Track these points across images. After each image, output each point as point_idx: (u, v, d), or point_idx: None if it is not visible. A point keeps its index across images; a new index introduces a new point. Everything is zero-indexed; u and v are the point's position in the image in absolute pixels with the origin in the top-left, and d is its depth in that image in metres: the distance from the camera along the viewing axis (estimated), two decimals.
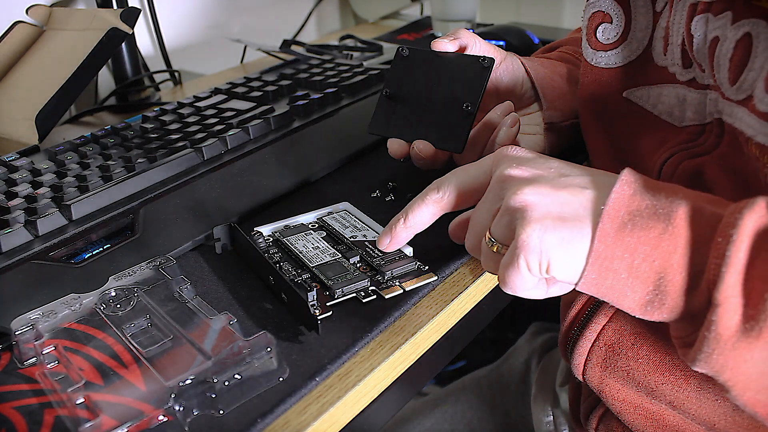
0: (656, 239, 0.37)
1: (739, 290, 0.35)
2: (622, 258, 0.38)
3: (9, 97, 0.77)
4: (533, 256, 0.38)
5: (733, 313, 0.35)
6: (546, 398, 0.75)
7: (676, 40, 0.51)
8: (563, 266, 0.39)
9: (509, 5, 1.37)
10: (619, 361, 0.54)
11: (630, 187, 0.39)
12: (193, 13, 1.12)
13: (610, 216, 0.38)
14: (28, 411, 0.41)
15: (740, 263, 0.35)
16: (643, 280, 0.38)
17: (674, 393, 0.52)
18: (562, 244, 0.38)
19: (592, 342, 0.55)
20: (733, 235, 0.35)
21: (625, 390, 0.55)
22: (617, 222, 0.38)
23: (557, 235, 0.38)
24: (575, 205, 0.39)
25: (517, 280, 0.40)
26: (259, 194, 0.60)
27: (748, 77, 0.44)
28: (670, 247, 0.37)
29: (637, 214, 0.38)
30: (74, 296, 0.48)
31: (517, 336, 0.90)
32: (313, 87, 0.79)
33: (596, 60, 0.58)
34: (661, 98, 0.54)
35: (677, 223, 0.37)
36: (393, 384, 0.46)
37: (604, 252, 0.38)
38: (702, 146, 0.50)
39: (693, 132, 0.51)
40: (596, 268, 0.38)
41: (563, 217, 0.39)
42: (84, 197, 0.56)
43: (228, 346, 0.42)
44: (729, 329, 0.35)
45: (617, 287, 0.38)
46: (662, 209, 0.38)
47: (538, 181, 0.40)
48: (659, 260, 0.37)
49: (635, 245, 0.37)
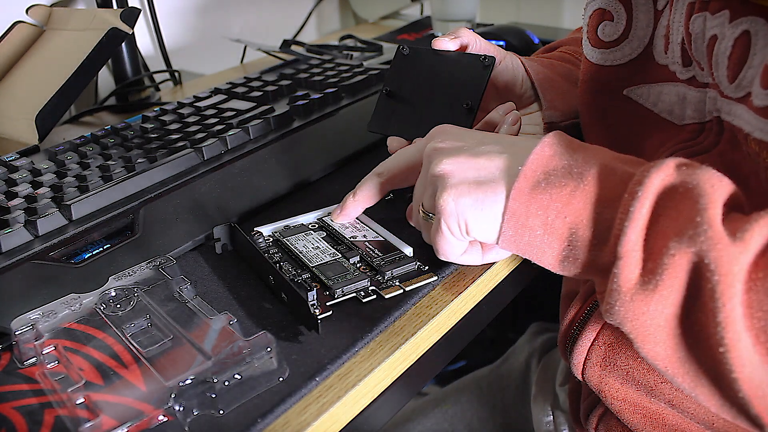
0: (568, 196, 0.39)
1: (641, 245, 0.37)
2: (536, 215, 0.40)
3: (9, 97, 0.77)
4: (452, 219, 0.42)
5: (634, 267, 0.37)
6: (546, 398, 0.75)
7: (676, 38, 0.51)
8: (480, 226, 0.42)
9: (509, 5, 1.37)
10: (618, 360, 0.54)
11: (551, 149, 0.41)
12: (193, 13, 1.12)
13: (526, 175, 0.40)
14: (28, 411, 0.41)
15: (643, 219, 0.37)
16: (557, 237, 0.40)
17: (674, 392, 0.52)
18: (476, 205, 0.41)
19: (592, 341, 0.55)
20: (639, 191, 0.37)
21: (624, 389, 0.55)
22: (532, 180, 0.40)
23: (471, 197, 0.42)
24: (491, 168, 0.42)
25: (445, 245, 0.44)
26: (259, 194, 0.60)
27: (747, 75, 0.44)
28: (580, 204, 0.39)
29: (552, 173, 0.40)
30: (74, 296, 0.48)
31: (517, 336, 0.90)
32: (313, 87, 0.79)
33: (597, 58, 0.58)
34: (661, 96, 0.54)
35: (588, 181, 0.39)
36: (393, 384, 0.46)
37: (518, 209, 0.40)
38: (701, 145, 0.50)
39: (693, 130, 0.51)
40: (512, 225, 0.41)
41: (479, 181, 0.42)
42: (84, 197, 0.56)
43: (228, 346, 0.42)
44: (629, 281, 0.37)
45: (534, 243, 0.41)
46: (577, 168, 0.40)
47: (457, 151, 0.44)
48: (571, 216, 0.39)
49: (548, 202, 0.40)
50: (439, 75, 0.60)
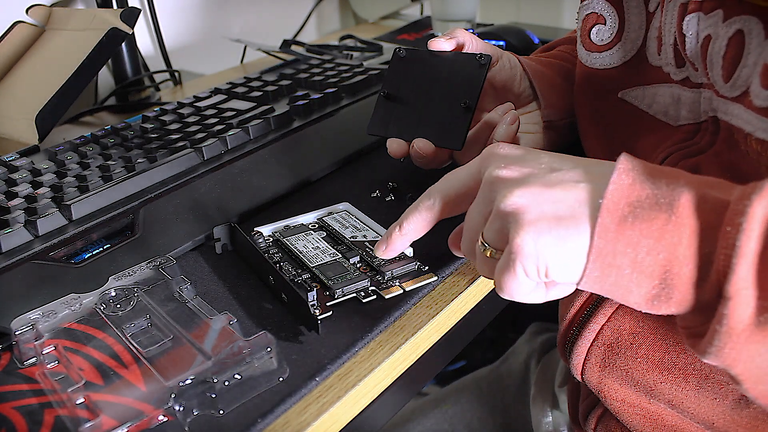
0: (660, 230, 0.36)
1: (752, 282, 0.34)
2: (624, 253, 0.36)
3: (9, 97, 0.77)
4: (530, 261, 0.37)
5: (746, 306, 0.34)
6: (545, 399, 0.75)
7: (668, 40, 0.52)
8: (563, 268, 0.37)
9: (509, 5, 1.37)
10: (617, 361, 0.54)
11: (628, 176, 0.37)
12: (193, 13, 1.12)
13: (609, 209, 0.36)
14: (28, 411, 0.41)
15: (751, 253, 0.34)
16: (648, 275, 0.36)
17: (673, 392, 0.52)
18: (559, 245, 0.37)
19: (591, 342, 0.55)
20: (743, 223, 0.34)
21: (623, 389, 0.55)
22: (617, 215, 0.36)
23: (553, 236, 0.37)
24: (570, 201, 0.38)
25: (514, 286, 0.39)
26: (259, 194, 0.60)
27: (742, 74, 0.44)
28: (674, 239, 0.36)
29: (637, 205, 0.36)
30: (74, 296, 0.48)
31: (516, 336, 0.90)
32: (313, 87, 0.79)
33: (591, 61, 0.59)
34: (656, 98, 0.54)
35: (681, 212, 0.36)
36: (393, 384, 0.46)
37: (605, 248, 0.36)
38: (697, 145, 0.50)
39: (688, 131, 0.51)
40: (598, 265, 0.37)
41: (558, 217, 0.37)
42: (84, 197, 0.56)
43: (228, 346, 0.42)
44: (742, 323, 0.34)
45: (621, 283, 0.37)
46: (664, 198, 0.36)
47: (528, 181, 0.39)
48: (664, 253, 0.36)
49: (638, 238, 0.36)
50: (436, 75, 0.60)
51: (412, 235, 0.46)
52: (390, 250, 0.47)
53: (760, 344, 0.34)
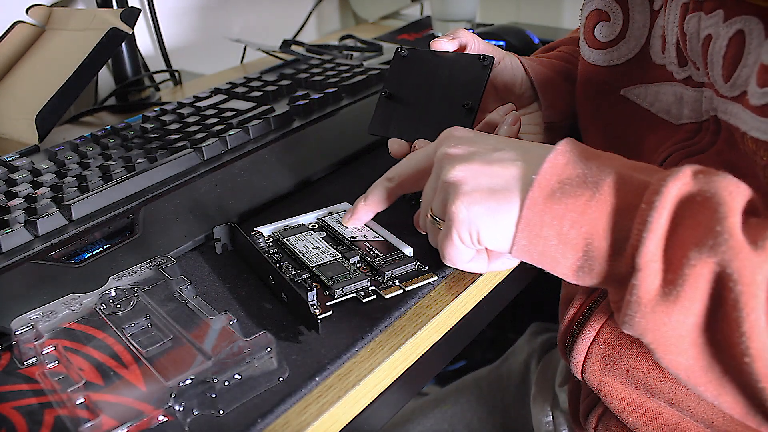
0: (583, 206, 0.39)
1: (660, 255, 0.36)
2: (551, 225, 0.39)
3: (9, 97, 0.77)
4: (463, 227, 0.41)
5: (653, 278, 0.37)
6: (545, 398, 0.75)
7: (671, 39, 0.52)
8: (493, 235, 0.41)
9: (509, 5, 1.37)
10: (618, 359, 0.54)
11: (564, 157, 0.40)
12: (193, 13, 1.12)
13: (540, 184, 0.39)
14: (28, 411, 0.41)
15: (661, 229, 0.36)
16: (572, 247, 0.39)
17: (673, 390, 0.52)
18: (490, 214, 0.40)
19: (591, 340, 0.55)
20: (656, 201, 0.37)
21: (624, 388, 0.55)
22: (547, 190, 0.39)
23: (484, 206, 0.40)
24: (505, 176, 0.41)
25: (453, 252, 0.43)
26: (259, 194, 0.60)
27: (742, 74, 0.44)
28: (596, 214, 0.38)
29: (567, 182, 0.39)
30: (74, 296, 0.48)
31: (516, 336, 0.90)
32: (313, 87, 0.79)
33: (594, 58, 0.59)
34: (658, 96, 0.54)
35: (604, 191, 0.39)
36: (393, 384, 0.46)
37: (532, 219, 0.39)
38: (699, 144, 0.50)
39: (690, 130, 0.51)
40: (526, 234, 0.40)
41: (492, 189, 0.41)
42: (84, 197, 0.56)
43: (228, 346, 0.42)
44: (649, 293, 0.37)
45: (548, 253, 0.40)
46: (592, 177, 0.39)
47: (470, 157, 0.43)
48: (586, 226, 0.39)
49: (563, 212, 0.39)
50: (438, 76, 0.60)
51: (375, 206, 0.51)
52: (355, 219, 0.52)
53: (666, 314, 0.37)
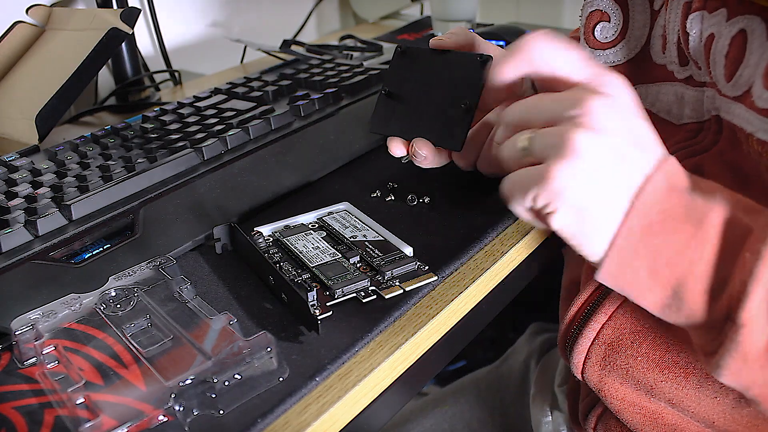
0: (683, 244, 0.36)
1: (766, 309, 0.34)
2: (644, 257, 0.37)
3: (9, 97, 0.77)
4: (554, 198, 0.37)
5: (760, 334, 0.34)
6: (545, 399, 0.75)
7: (672, 38, 0.52)
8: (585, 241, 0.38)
9: (509, 5, 1.37)
10: (618, 360, 0.54)
11: (667, 180, 0.37)
12: (193, 13, 1.12)
13: (639, 212, 0.37)
14: (28, 411, 0.41)
15: (767, 282, 0.34)
16: (662, 284, 0.37)
17: (673, 391, 0.52)
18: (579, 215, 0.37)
19: (592, 340, 0.55)
20: (762, 250, 0.34)
21: (624, 388, 0.55)
22: (646, 220, 0.36)
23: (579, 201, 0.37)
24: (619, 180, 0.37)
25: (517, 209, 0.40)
26: (259, 194, 0.60)
27: (744, 73, 0.44)
28: (695, 255, 0.36)
29: (668, 213, 0.36)
30: (74, 296, 0.48)
31: (516, 336, 0.90)
32: (313, 87, 0.79)
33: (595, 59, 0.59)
34: (659, 96, 0.54)
35: (707, 230, 0.36)
36: (393, 384, 0.46)
37: (625, 247, 0.37)
38: (700, 144, 0.50)
39: (691, 130, 0.51)
40: (616, 262, 0.37)
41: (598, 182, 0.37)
42: (84, 197, 0.56)
43: (228, 346, 0.42)
44: (757, 349, 0.34)
45: (636, 284, 0.38)
46: (695, 212, 0.36)
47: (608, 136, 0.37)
48: (681, 266, 0.36)
49: (660, 247, 0.36)
50: (436, 74, 0.60)
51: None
52: None
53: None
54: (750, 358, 0.35)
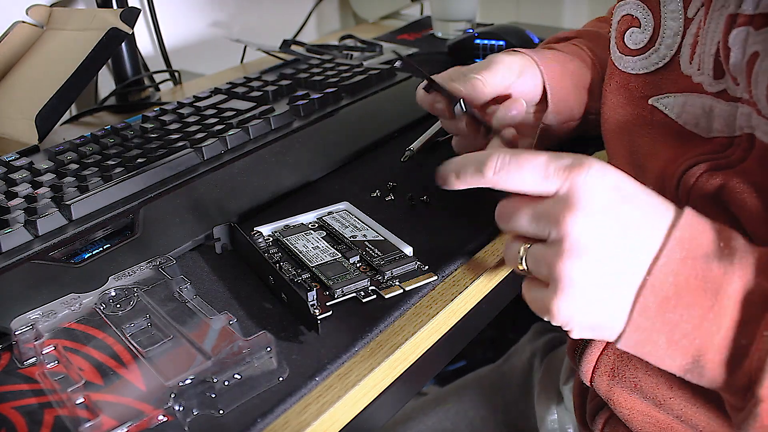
0: (699, 318, 0.37)
1: None
2: (661, 330, 0.38)
3: (9, 97, 0.77)
4: (565, 326, 0.41)
5: None
6: (550, 396, 0.75)
7: (709, 49, 0.48)
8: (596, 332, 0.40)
9: (509, 5, 1.37)
10: (627, 372, 0.54)
11: (681, 249, 0.37)
12: (193, 13, 1.12)
13: (654, 288, 0.37)
14: (28, 411, 0.41)
15: None
16: (682, 353, 0.38)
17: (683, 408, 0.52)
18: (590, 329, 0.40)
19: (601, 350, 0.55)
20: None
21: (633, 399, 0.54)
22: (660, 295, 0.37)
23: (588, 325, 0.40)
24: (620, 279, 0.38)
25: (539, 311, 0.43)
26: (259, 194, 0.60)
27: None
28: (713, 328, 0.36)
29: (683, 287, 0.37)
30: (74, 296, 0.48)
31: (517, 336, 0.90)
32: (313, 87, 0.79)
33: (624, 65, 0.56)
34: (685, 108, 0.51)
35: (724, 303, 0.36)
36: (393, 384, 0.46)
37: (643, 323, 0.38)
38: (728, 159, 0.48)
39: (720, 144, 0.49)
40: (634, 336, 0.39)
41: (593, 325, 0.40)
42: (84, 197, 0.56)
43: (228, 346, 0.42)
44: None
45: (656, 353, 0.39)
46: (712, 283, 0.36)
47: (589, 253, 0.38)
48: (700, 339, 0.37)
49: (677, 321, 0.37)
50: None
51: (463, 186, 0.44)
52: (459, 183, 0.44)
53: None
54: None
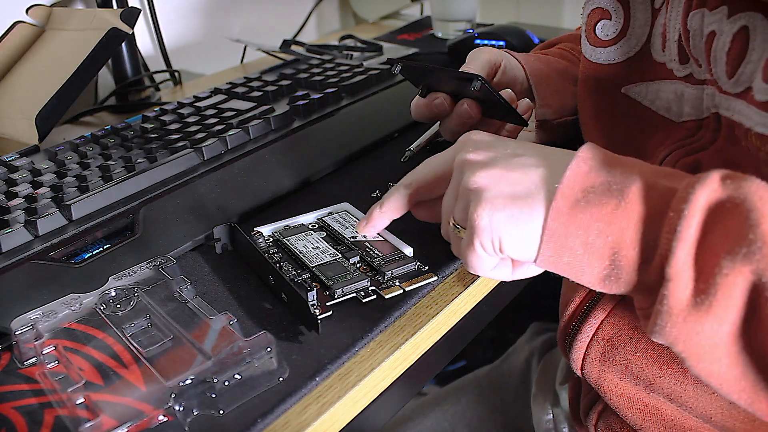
0: (609, 215, 0.38)
1: (690, 265, 0.36)
2: (576, 235, 0.39)
3: (9, 97, 0.77)
4: (485, 236, 0.40)
5: (684, 288, 0.36)
6: (546, 397, 0.75)
7: (673, 36, 0.52)
8: (516, 244, 0.40)
9: (509, 5, 1.37)
10: (617, 355, 0.54)
11: (586, 164, 0.40)
12: (193, 13, 1.12)
13: (564, 194, 0.39)
14: (28, 411, 0.41)
15: (691, 238, 0.36)
16: (598, 256, 0.39)
17: (672, 386, 0.52)
18: (512, 222, 0.39)
19: (591, 336, 0.56)
20: (684, 209, 0.36)
21: (623, 384, 0.55)
22: (571, 199, 0.39)
23: (507, 213, 0.40)
24: (527, 183, 0.40)
25: (475, 261, 0.42)
26: (259, 194, 0.60)
27: (746, 70, 0.44)
28: (623, 223, 0.38)
29: (590, 190, 0.39)
30: (74, 296, 0.48)
31: (517, 336, 0.90)
32: (313, 87, 0.79)
33: (595, 56, 0.59)
34: (659, 94, 0.54)
35: (630, 199, 0.38)
36: (393, 384, 0.46)
37: (557, 229, 0.39)
38: (699, 142, 0.50)
39: (690, 128, 0.51)
40: (551, 246, 0.39)
41: (514, 196, 0.40)
42: (84, 197, 0.56)
43: (228, 346, 0.42)
44: (680, 303, 0.36)
45: (574, 263, 0.39)
46: (616, 185, 0.39)
47: (491, 163, 0.42)
48: (613, 236, 0.38)
49: (588, 222, 0.38)
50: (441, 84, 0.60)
51: (391, 214, 0.49)
52: (370, 227, 0.49)
53: (697, 323, 0.36)
54: (675, 311, 0.36)
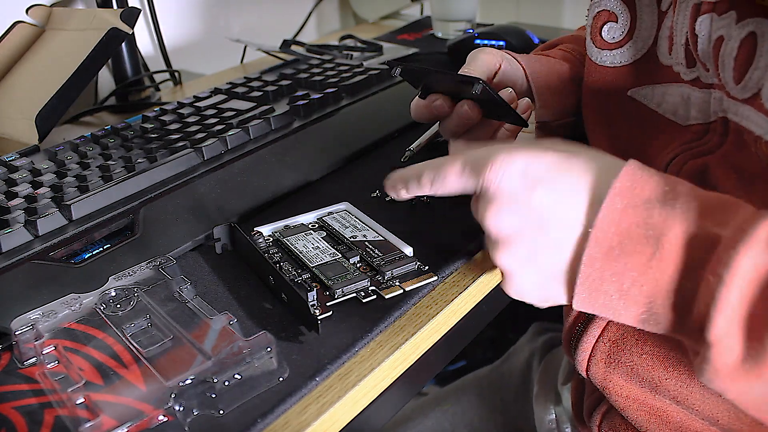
0: (644, 265, 0.37)
1: (735, 329, 0.34)
2: (610, 281, 0.38)
3: (9, 97, 0.77)
4: (516, 297, 0.44)
5: (729, 352, 0.35)
6: (548, 397, 0.75)
7: (680, 39, 0.51)
8: (546, 303, 0.43)
9: (509, 5, 1.37)
10: (623, 357, 0.54)
11: (622, 199, 0.38)
12: (193, 13, 1.12)
13: (598, 240, 0.38)
14: (28, 411, 0.41)
15: (731, 306, 0.34)
16: (634, 303, 0.38)
17: (678, 388, 0.52)
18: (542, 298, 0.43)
19: (597, 338, 0.55)
20: (724, 275, 0.34)
21: (629, 386, 0.55)
22: (605, 246, 0.38)
23: (536, 295, 0.43)
24: (557, 255, 0.40)
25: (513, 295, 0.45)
26: (259, 194, 0.60)
27: (754, 75, 0.44)
28: (657, 274, 0.37)
29: (626, 236, 0.38)
30: (74, 296, 0.48)
31: (517, 336, 0.90)
32: (313, 87, 0.79)
33: (601, 59, 0.59)
34: (665, 97, 0.54)
35: (666, 249, 0.37)
36: (393, 384, 0.46)
37: (591, 275, 0.39)
38: (706, 145, 0.50)
39: (697, 131, 0.51)
40: (586, 289, 0.39)
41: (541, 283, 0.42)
42: (84, 197, 0.56)
43: (228, 346, 0.42)
44: (726, 366, 0.35)
45: (610, 306, 0.39)
46: (653, 230, 0.37)
47: (516, 242, 0.41)
48: (647, 286, 0.37)
49: (623, 270, 0.38)
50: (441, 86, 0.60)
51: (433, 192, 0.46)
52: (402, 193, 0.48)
53: (746, 384, 0.35)
54: (721, 373, 0.36)
